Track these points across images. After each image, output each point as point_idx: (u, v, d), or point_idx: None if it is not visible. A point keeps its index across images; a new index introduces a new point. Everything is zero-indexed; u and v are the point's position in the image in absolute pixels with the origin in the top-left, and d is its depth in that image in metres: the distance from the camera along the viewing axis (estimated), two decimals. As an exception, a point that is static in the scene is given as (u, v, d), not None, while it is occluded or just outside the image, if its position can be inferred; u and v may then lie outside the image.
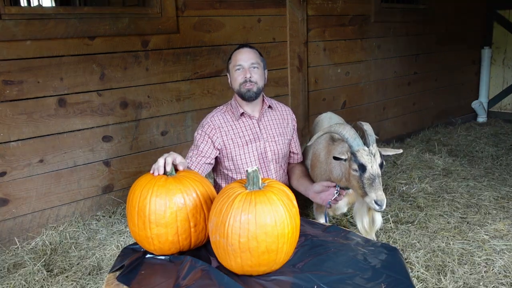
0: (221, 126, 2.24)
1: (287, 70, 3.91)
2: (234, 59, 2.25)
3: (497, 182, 3.69)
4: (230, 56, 2.30)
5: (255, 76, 2.21)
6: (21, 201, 2.75)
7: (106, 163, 3.05)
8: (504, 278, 2.31)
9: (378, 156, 1.88)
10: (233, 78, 2.26)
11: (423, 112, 5.55)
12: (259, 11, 3.63)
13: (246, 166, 2.26)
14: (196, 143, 2.25)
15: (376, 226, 2.23)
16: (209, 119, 2.27)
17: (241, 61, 2.21)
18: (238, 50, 2.26)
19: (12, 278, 2.37)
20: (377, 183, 1.85)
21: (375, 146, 1.90)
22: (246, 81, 2.20)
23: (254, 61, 2.22)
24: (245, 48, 2.25)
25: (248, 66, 2.21)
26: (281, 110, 2.43)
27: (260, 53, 2.30)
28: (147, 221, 1.46)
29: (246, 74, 2.20)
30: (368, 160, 1.86)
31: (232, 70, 2.26)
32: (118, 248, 2.63)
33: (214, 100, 3.43)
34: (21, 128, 2.69)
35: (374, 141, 1.92)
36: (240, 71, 2.21)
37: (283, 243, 1.35)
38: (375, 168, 1.86)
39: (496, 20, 6.01)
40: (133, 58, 3.05)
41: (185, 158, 2.27)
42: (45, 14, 2.67)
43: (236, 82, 2.24)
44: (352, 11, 4.35)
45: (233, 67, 2.24)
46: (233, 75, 2.25)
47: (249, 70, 2.20)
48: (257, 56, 2.26)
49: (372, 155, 1.87)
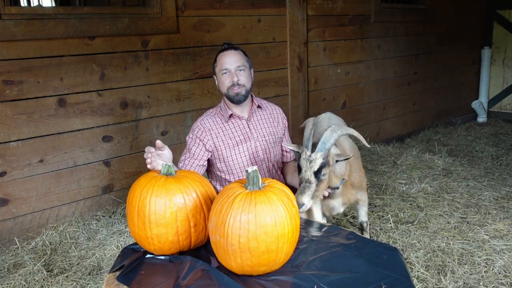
0: (211, 128, 2.26)
1: (287, 70, 3.91)
2: (219, 63, 2.24)
3: (497, 182, 3.69)
4: (215, 58, 2.28)
5: (242, 79, 2.22)
6: (21, 201, 2.75)
7: (106, 163, 3.05)
8: (504, 278, 2.31)
9: (316, 164, 1.88)
10: (220, 82, 2.26)
11: (423, 112, 5.55)
12: (259, 11, 3.63)
13: (238, 167, 2.28)
14: (188, 147, 2.28)
15: (360, 218, 2.47)
16: (199, 122, 2.30)
17: (227, 65, 2.21)
18: (222, 52, 2.25)
19: (12, 278, 2.37)
20: (301, 187, 1.90)
21: (319, 154, 1.88)
22: (234, 85, 2.21)
23: (240, 63, 2.22)
24: (230, 51, 2.24)
25: (235, 69, 2.21)
26: (271, 110, 2.45)
27: (245, 53, 2.29)
28: (147, 221, 1.46)
29: (234, 78, 2.20)
30: (303, 164, 1.91)
31: (218, 74, 2.26)
32: (118, 248, 2.63)
33: (214, 100, 3.43)
34: (21, 128, 2.69)
35: (322, 150, 1.88)
36: (227, 75, 2.22)
37: (283, 243, 1.35)
38: (307, 174, 1.90)
39: (496, 20, 6.01)
40: (133, 58, 3.05)
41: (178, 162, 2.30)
42: (45, 14, 2.67)
43: (224, 86, 2.24)
44: (352, 11, 4.35)
45: (220, 71, 2.24)
46: (220, 78, 2.25)
47: (235, 73, 2.21)
48: (242, 57, 2.25)
49: (308, 161, 1.89)
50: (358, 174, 2.28)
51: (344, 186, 2.19)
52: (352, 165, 2.20)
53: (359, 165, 2.32)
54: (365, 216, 2.48)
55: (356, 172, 2.26)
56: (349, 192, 2.25)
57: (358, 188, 2.31)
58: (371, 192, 3.50)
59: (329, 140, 1.89)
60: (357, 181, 2.28)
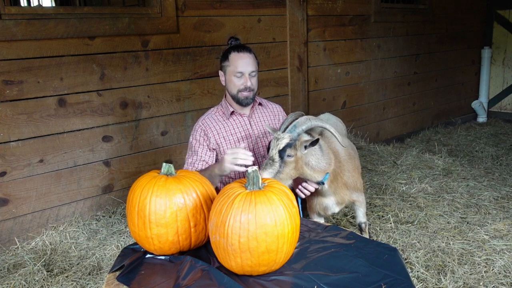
0: (213, 126, 2.29)
1: (287, 70, 3.91)
2: (234, 64, 2.24)
3: (497, 182, 3.69)
4: (226, 55, 2.27)
5: (254, 84, 2.27)
6: (21, 201, 2.75)
7: (106, 163, 3.05)
8: (504, 278, 2.31)
9: (281, 143, 1.92)
10: (231, 82, 2.26)
11: (423, 112, 5.55)
12: (259, 11, 3.63)
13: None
14: (194, 149, 2.30)
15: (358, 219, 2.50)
16: (200, 122, 2.32)
17: (242, 68, 2.22)
18: (238, 54, 2.24)
19: (12, 278, 2.37)
20: (265, 163, 1.95)
21: (286, 135, 1.92)
22: (245, 88, 2.23)
23: (254, 68, 2.25)
24: (246, 53, 2.24)
25: (249, 73, 2.23)
26: (272, 108, 2.48)
27: (254, 54, 2.31)
28: (147, 221, 1.46)
29: (247, 83, 2.23)
30: (271, 143, 1.96)
31: (229, 73, 2.26)
32: (118, 248, 2.63)
33: (214, 100, 3.43)
34: (21, 128, 2.69)
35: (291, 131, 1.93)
36: (240, 78, 2.23)
37: (283, 243, 1.35)
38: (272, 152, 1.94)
39: (496, 20, 6.01)
40: (133, 58, 3.05)
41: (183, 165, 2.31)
42: (45, 14, 2.67)
43: (234, 88, 2.25)
44: (352, 11, 4.35)
45: (232, 72, 2.24)
46: (231, 79, 2.25)
47: (249, 78, 2.22)
48: (255, 61, 2.28)
49: (276, 139, 1.94)
50: (352, 174, 2.25)
51: (335, 185, 2.17)
52: (344, 164, 2.19)
53: (354, 165, 2.29)
54: (363, 217, 2.47)
55: (349, 172, 2.23)
56: (343, 192, 2.24)
57: (352, 189, 2.28)
58: (371, 192, 3.50)
59: (301, 125, 1.92)
60: (351, 181, 2.25)
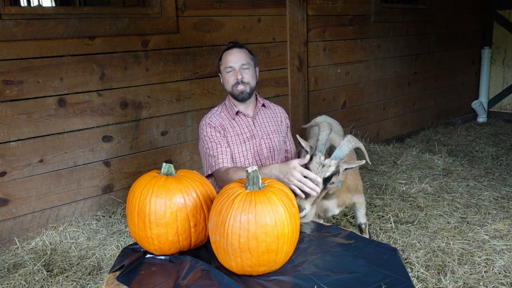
0: (221, 124, 2.26)
1: (287, 70, 3.91)
2: (224, 61, 2.25)
3: (497, 182, 3.69)
4: (220, 56, 2.29)
5: (246, 77, 2.22)
6: (21, 201, 2.75)
7: (106, 163, 3.05)
8: (504, 278, 2.31)
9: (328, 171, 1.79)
10: (225, 80, 2.27)
11: (423, 112, 5.55)
12: (259, 11, 3.63)
13: (243, 164, 2.28)
14: (215, 141, 2.20)
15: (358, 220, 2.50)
16: (208, 119, 2.28)
17: (232, 63, 2.21)
18: (228, 51, 2.26)
19: (12, 278, 2.37)
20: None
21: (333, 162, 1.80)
22: (238, 83, 2.21)
23: (244, 61, 2.22)
24: (235, 49, 2.24)
25: (239, 67, 2.21)
26: (274, 109, 2.47)
27: (250, 51, 2.29)
28: (147, 221, 1.46)
29: (238, 76, 2.20)
30: (313, 168, 1.80)
31: (223, 72, 2.27)
32: (118, 248, 2.63)
33: (214, 100, 3.43)
34: (21, 128, 2.69)
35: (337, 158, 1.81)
36: (232, 73, 2.22)
37: (283, 243, 1.35)
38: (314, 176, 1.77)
39: (496, 20, 6.01)
40: (133, 58, 3.05)
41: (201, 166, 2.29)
42: (45, 14, 2.67)
43: (228, 84, 2.25)
44: (352, 11, 4.35)
45: (224, 69, 2.25)
46: (225, 76, 2.26)
47: (240, 71, 2.21)
48: (247, 55, 2.25)
49: (321, 165, 1.79)
50: (353, 177, 2.27)
51: (338, 188, 2.16)
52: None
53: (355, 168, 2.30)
54: (363, 218, 2.48)
55: (351, 175, 2.24)
56: (344, 195, 2.24)
57: (354, 191, 2.29)
58: (371, 192, 3.50)
59: (345, 149, 1.84)
60: (353, 184, 2.27)
